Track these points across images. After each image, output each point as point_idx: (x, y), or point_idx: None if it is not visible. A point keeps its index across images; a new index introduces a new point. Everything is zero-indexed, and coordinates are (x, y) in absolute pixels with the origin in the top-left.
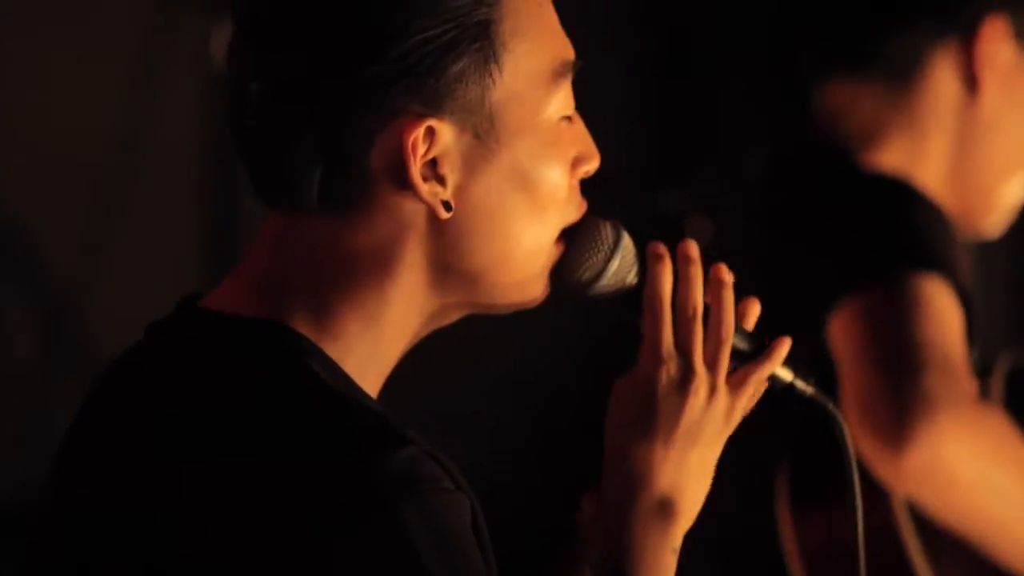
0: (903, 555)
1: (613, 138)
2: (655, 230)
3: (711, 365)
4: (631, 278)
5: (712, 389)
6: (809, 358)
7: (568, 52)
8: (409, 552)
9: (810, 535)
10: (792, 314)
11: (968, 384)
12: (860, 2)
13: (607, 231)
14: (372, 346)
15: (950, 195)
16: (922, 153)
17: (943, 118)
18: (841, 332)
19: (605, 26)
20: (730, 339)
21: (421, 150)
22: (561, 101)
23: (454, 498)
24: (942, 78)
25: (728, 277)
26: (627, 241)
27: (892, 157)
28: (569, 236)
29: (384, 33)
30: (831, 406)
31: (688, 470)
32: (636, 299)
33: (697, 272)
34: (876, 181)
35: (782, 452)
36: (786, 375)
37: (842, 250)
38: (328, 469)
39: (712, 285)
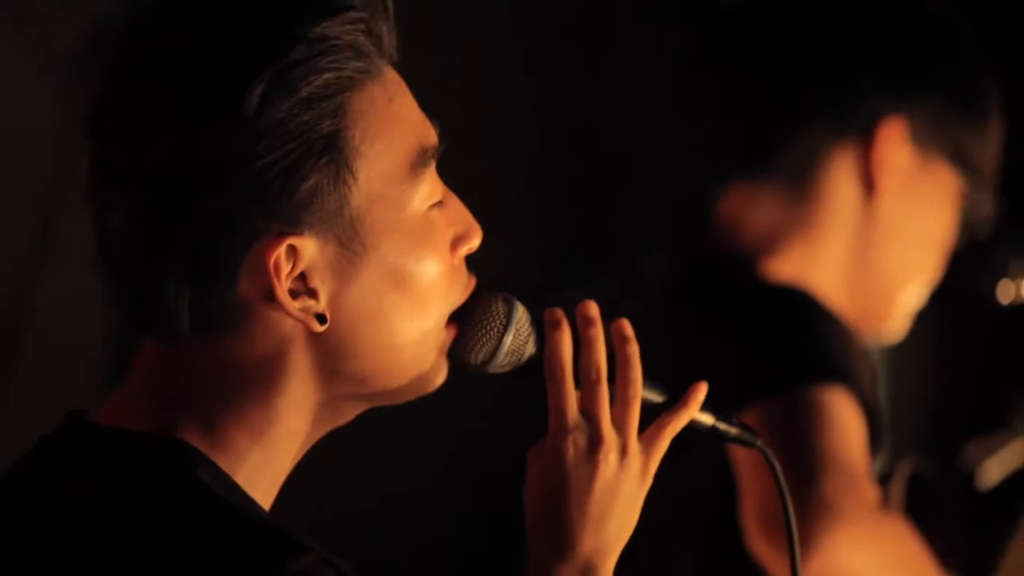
0: None
1: (511, 240)
2: None
3: (620, 426)
4: (530, 348)
5: (623, 451)
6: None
7: (428, 138)
8: None
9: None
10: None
11: (869, 491)
12: (756, 104)
13: (498, 306)
14: (263, 456)
15: (849, 299)
16: (821, 258)
17: (841, 222)
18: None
19: (504, 126)
20: (638, 397)
21: (286, 268)
22: (426, 190)
23: None
24: (840, 181)
25: (630, 332)
26: (521, 313)
27: (791, 262)
28: (461, 316)
29: (230, 160)
30: (759, 442)
31: (608, 534)
32: (540, 368)
33: (598, 334)
34: (775, 292)
35: (685, 536)
36: (707, 419)
37: (742, 364)
38: None
39: (615, 342)
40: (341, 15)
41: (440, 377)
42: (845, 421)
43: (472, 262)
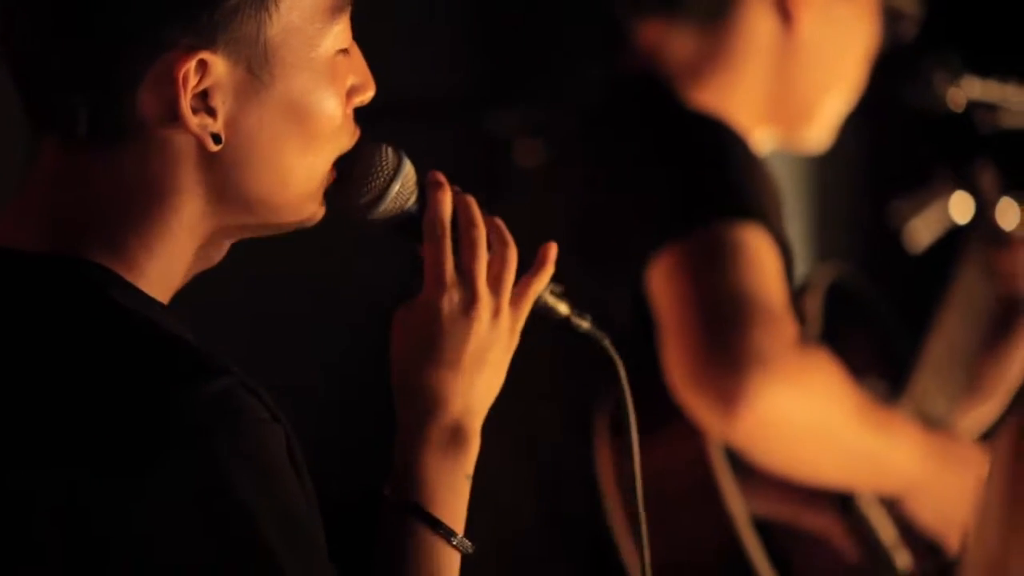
0: (714, 487)
1: (443, 60)
2: (484, 152)
3: (495, 288)
4: (411, 203)
5: (496, 310)
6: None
7: None
8: (222, 484)
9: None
10: (615, 255)
11: (791, 330)
12: None
13: (388, 155)
14: (160, 274)
15: (771, 119)
16: (739, 87)
17: (759, 51)
18: (660, 282)
19: None
20: (514, 261)
21: (192, 82)
22: (338, 35)
23: (268, 428)
24: (756, 13)
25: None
26: (408, 167)
27: (710, 93)
28: (350, 160)
29: None
30: (606, 342)
31: (478, 393)
32: (416, 226)
33: (472, 200)
34: (693, 123)
35: (602, 389)
36: (563, 309)
37: (659, 198)
38: (141, 401)
39: (485, 218)
40: None
41: (318, 216)
42: (762, 258)
43: (404, 80)
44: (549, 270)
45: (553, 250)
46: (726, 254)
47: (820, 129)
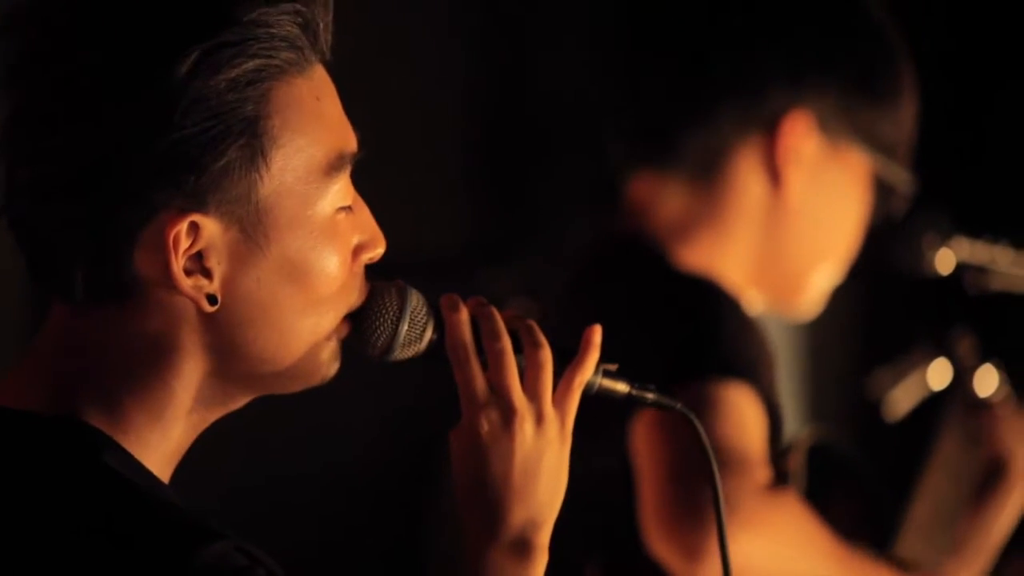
0: None
1: (439, 218)
2: None
3: (533, 394)
4: (429, 334)
5: (538, 418)
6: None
7: (348, 144)
8: None
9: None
10: (605, 413)
11: (761, 476)
12: (661, 95)
13: (390, 297)
14: (161, 436)
15: (760, 284)
16: (729, 247)
17: (748, 213)
18: (641, 438)
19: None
20: (548, 363)
21: (184, 245)
22: (337, 194)
23: None
24: (746, 173)
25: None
26: (415, 302)
27: (700, 252)
28: (358, 311)
29: (145, 129)
30: (679, 406)
31: (537, 504)
32: (444, 353)
33: (493, 310)
34: (682, 282)
35: (590, 547)
36: (622, 387)
37: (645, 354)
38: (138, 570)
39: (514, 321)
40: (280, 4)
41: (331, 370)
42: (743, 415)
43: (400, 238)
44: (593, 356)
45: (596, 334)
46: (706, 409)
47: (809, 297)
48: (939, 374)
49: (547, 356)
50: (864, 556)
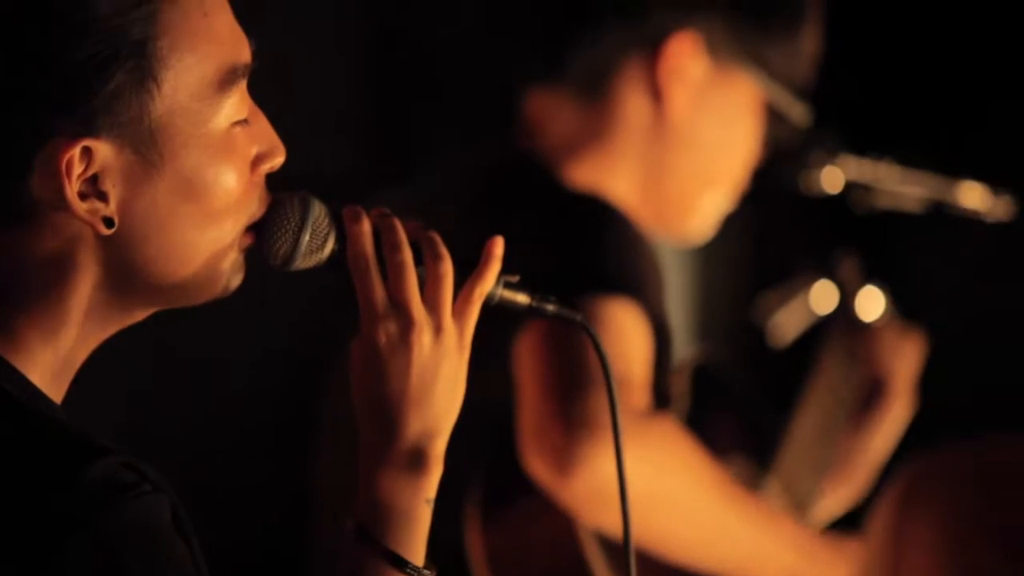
0: (583, 563)
1: (332, 140)
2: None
3: (433, 306)
4: (331, 245)
5: (438, 329)
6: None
7: (240, 56)
8: (114, 564)
9: (497, 540)
10: (492, 330)
11: (638, 399)
12: (551, 13)
13: (292, 207)
14: (54, 356)
15: (646, 206)
16: (615, 167)
17: (633, 133)
18: (523, 353)
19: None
20: (449, 274)
21: (77, 170)
22: (231, 108)
23: (152, 501)
24: (631, 93)
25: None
26: (317, 213)
27: (588, 170)
28: (260, 222)
29: (33, 56)
30: (579, 317)
31: (434, 414)
32: (344, 264)
33: (395, 222)
34: (570, 198)
35: (473, 464)
36: (523, 299)
37: (534, 273)
38: (25, 488)
39: (414, 230)
40: None
41: (234, 282)
42: (628, 335)
43: (296, 158)
44: (494, 267)
45: (496, 246)
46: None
47: (697, 223)
48: (824, 296)
49: (448, 267)
50: (755, 496)
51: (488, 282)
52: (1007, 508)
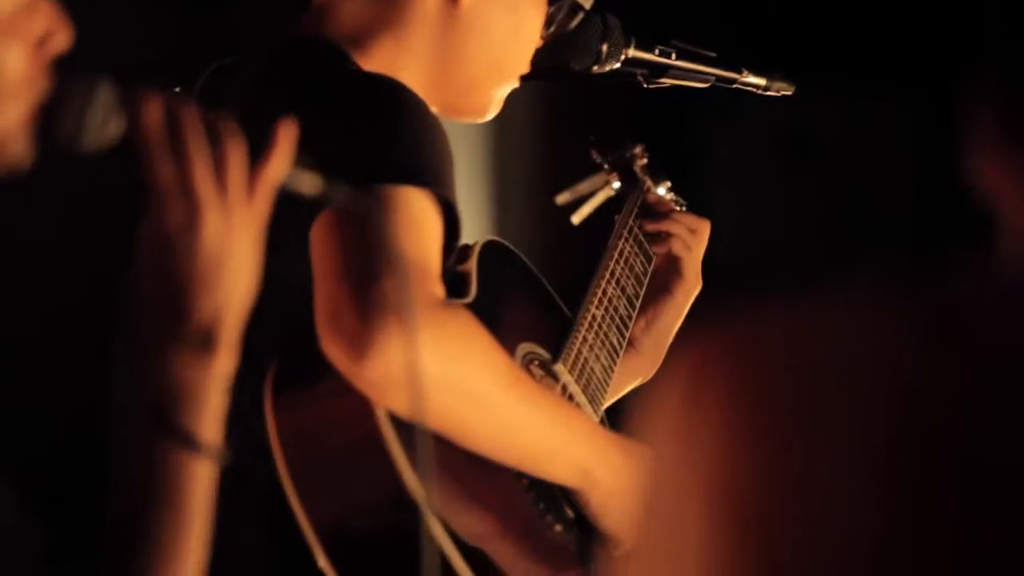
0: (379, 439)
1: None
2: None
3: (223, 187)
4: (119, 123)
5: (227, 211)
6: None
7: None
8: None
9: (290, 419)
10: (285, 218)
11: (433, 291)
12: None
13: (76, 86)
14: None
15: (436, 93)
16: (406, 56)
17: (424, 20)
18: (318, 239)
19: None
20: (239, 155)
21: None
22: None
23: None
24: None
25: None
26: (104, 93)
27: (377, 60)
28: (48, 103)
29: None
30: (369, 208)
31: (224, 294)
32: (135, 144)
33: (186, 103)
34: (361, 81)
35: (273, 346)
36: (310, 185)
37: (328, 158)
38: None
39: (207, 115)
40: None
41: (18, 158)
42: (422, 224)
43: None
44: (282, 150)
45: (286, 130)
46: (385, 214)
47: (487, 107)
48: (616, 180)
49: (237, 149)
50: (550, 393)
51: (278, 166)
52: (788, 372)
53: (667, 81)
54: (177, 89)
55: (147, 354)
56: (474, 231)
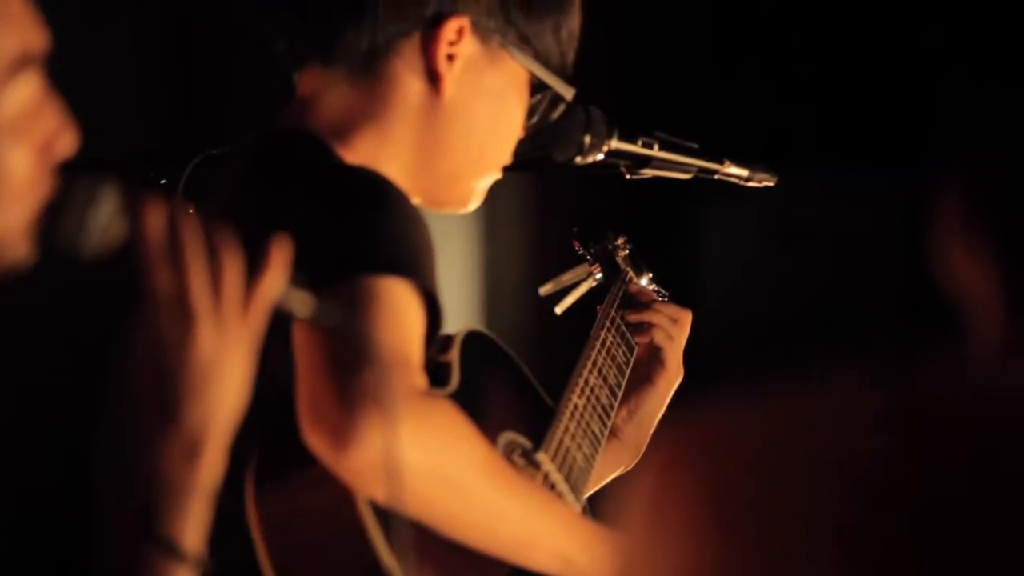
0: (360, 529)
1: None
2: None
3: (218, 299)
4: (120, 231)
5: (221, 324)
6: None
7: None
8: None
9: (272, 509)
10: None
11: (415, 379)
12: None
13: (80, 189)
14: None
15: (418, 184)
16: (388, 148)
17: (407, 113)
18: (299, 333)
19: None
20: (233, 267)
21: None
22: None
23: None
24: (405, 74)
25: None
26: (108, 196)
27: (360, 151)
28: (51, 207)
29: None
30: (356, 330)
31: (213, 406)
32: (135, 252)
33: (187, 213)
34: (342, 173)
35: (253, 441)
36: (302, 308)
37: (308, 250)
38: None
39: (208, 225)
40: None
41: (16, 263)
42: (403, 315)
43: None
44: (277, 268)
45: (279, 248)
46: (366, 305)
47: (467, 199)
48: (599, 271)
49: (233, 262)
50: (530, 483)
51: (272, 281)
52: (759, 469)
53: (649, 172)
54: (164, 181)
55: (134, 457)
56: (458, 321)
